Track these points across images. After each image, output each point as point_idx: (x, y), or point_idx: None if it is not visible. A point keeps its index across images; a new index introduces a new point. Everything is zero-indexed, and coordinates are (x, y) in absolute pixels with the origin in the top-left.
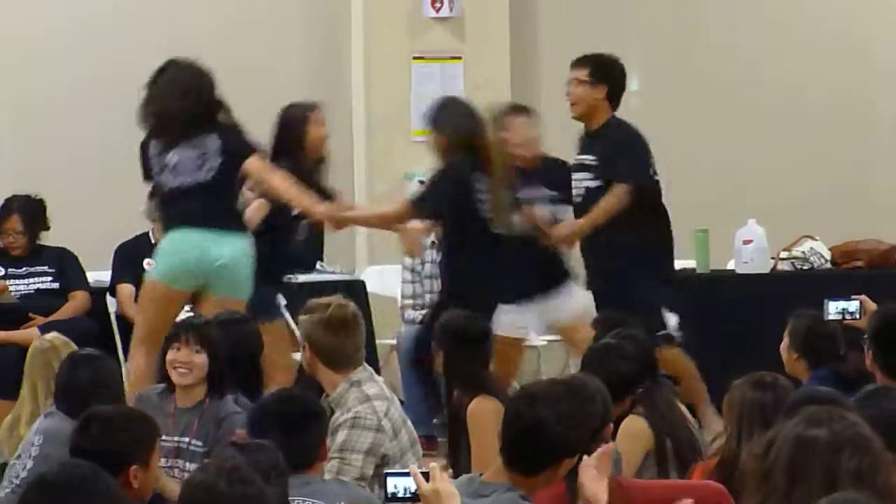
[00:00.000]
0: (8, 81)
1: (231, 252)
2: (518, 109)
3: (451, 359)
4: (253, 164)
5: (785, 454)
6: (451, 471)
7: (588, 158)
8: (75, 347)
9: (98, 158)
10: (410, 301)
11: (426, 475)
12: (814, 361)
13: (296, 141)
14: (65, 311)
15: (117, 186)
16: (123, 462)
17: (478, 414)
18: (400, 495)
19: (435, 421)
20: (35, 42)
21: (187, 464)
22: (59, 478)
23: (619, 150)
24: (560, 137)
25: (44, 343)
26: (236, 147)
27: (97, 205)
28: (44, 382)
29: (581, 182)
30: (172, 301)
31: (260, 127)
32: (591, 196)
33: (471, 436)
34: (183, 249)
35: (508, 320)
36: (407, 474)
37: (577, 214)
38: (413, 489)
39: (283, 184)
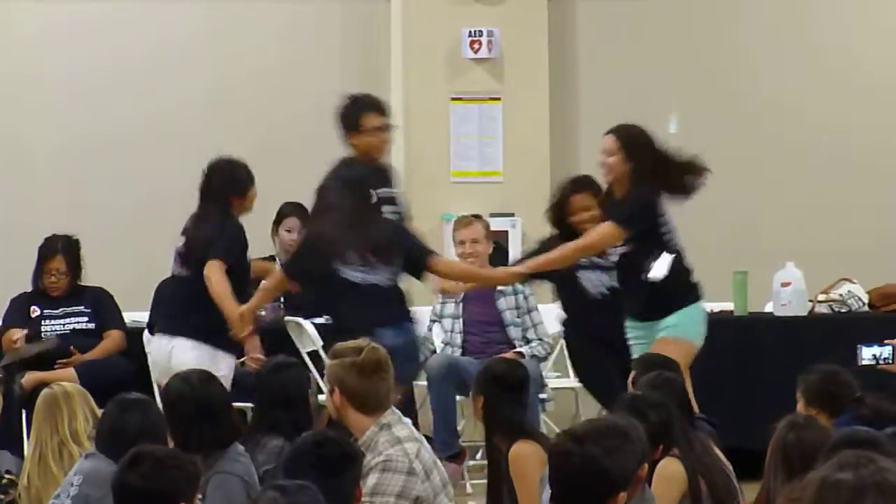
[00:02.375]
0: (50, 120)
1: None
2: None
3: (491, 404)
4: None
5: (809, 497)
6: None
7: None
8: (87, 394)
9: (135, 197)
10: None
11: None
12: (834, 411)
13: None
14: (100, 350)
15: (155, 225)
16: (172, 499)
17: (519, 458)
18: None
19: None
20: (77, 82)
21: None
22: None
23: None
24: (597, 178)
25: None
26: None
27: (135, 244)
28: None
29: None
30: None
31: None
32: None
33: (514, 480)
34: None
35: None
36: None
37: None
38: None
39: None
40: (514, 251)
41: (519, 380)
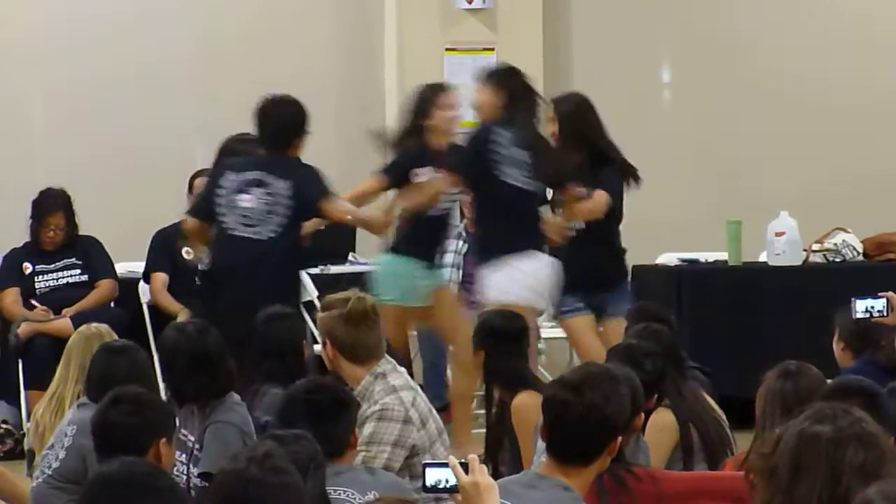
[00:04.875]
0: (37, 75)
1: None
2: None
3: (491, 357)
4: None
5: (789, 451)
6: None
7: None
8: (116, 336)
9: (125, 150)
10: None
11: (465, 466)
12: (858, 350)
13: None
14: (90, 300)
15: (147, 176)
16: (153, 435)
17: (523, 409)
18: (439, 486)
19: None
20: (61, 37)
21: (183, 455)
22: (121, 475)
23: None
24: None
25: (90, 329)
26: None
27: (127, 195)
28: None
29: None
30: None
31: None
32: None
33: (517, 432)
34: None
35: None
36: (446, 465)
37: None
38: (452, 481)
39: None
40: None
41: (518, 330)
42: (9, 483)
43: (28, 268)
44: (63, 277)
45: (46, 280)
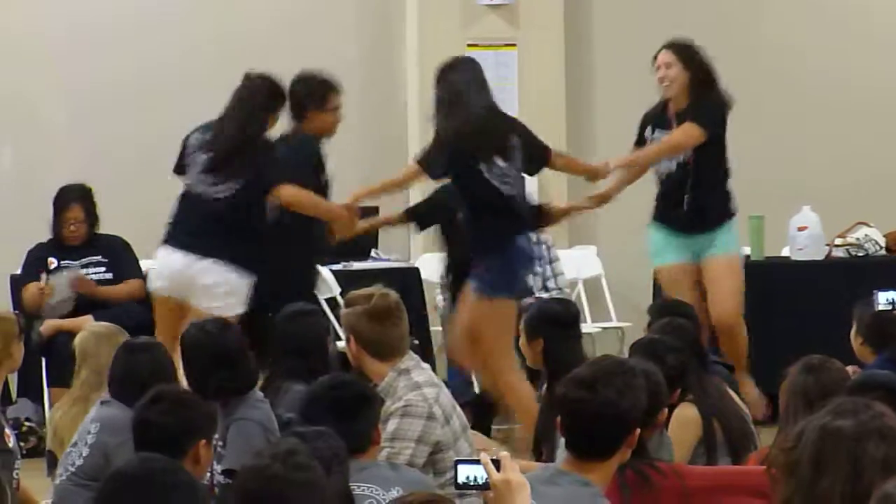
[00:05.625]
0: (56, 74)
1: None
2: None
3: (551, 346)
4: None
5: (810, 446)
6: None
7: None
8: (126, 336)
9: (144, 149)
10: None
11: (497, 463)
12: (878, 346)
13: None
14: (121, 291)
15: (166, 174)
16: (193, 435)
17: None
18: (471, 483)
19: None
20: (81, 37)
21: None
22: (139, 471)
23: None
24: (613, 123)
25: (99, 327)
26: None
27: (147, 193)
28: (90, 369)
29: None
30: None
31: None
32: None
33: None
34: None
35: None
36: (477, 462)
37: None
38: (484, 478)
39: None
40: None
41: (574, 316)
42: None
43: (53, 262)
44: (88, 275)
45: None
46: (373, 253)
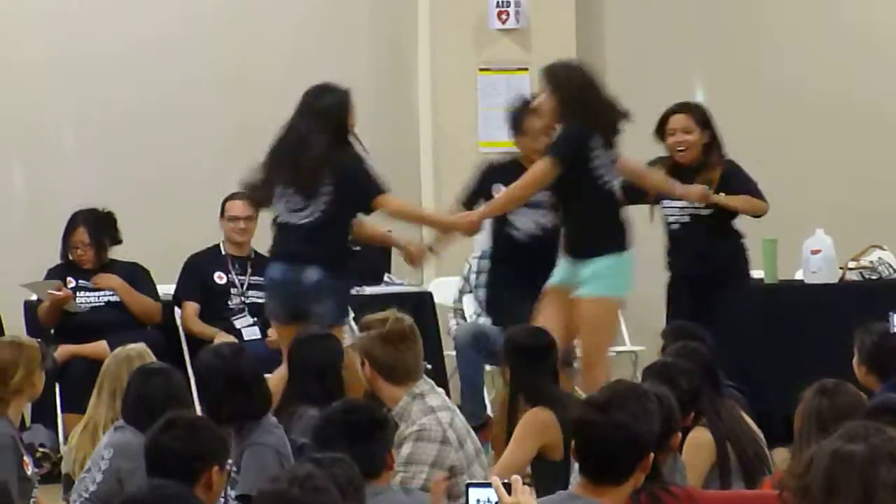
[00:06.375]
0: (76, 95)
1: None
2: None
3: (517, 373)
4: None
5: (822, 470)
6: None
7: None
8: (154, 358)
9: (157, 173)
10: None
11: (508, 487)
12: (883, 374)
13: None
14: (137, 298)
15: (179, 198)
16: (206, 461)
17: (522, 423)
18: None
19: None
20: (103, 57)
21: None
22: (150, 498)
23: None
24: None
25: (124, 352)
26: None
27: (160, 217)
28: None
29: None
30: None
31: None
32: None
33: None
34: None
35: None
36: (489, 485)
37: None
38: (495, 501)
39: None
40: None
41: (541, 347)
42: None
43: (71, 282)
44: (104, 296)
45: (87, 297)
46: (386, 277)
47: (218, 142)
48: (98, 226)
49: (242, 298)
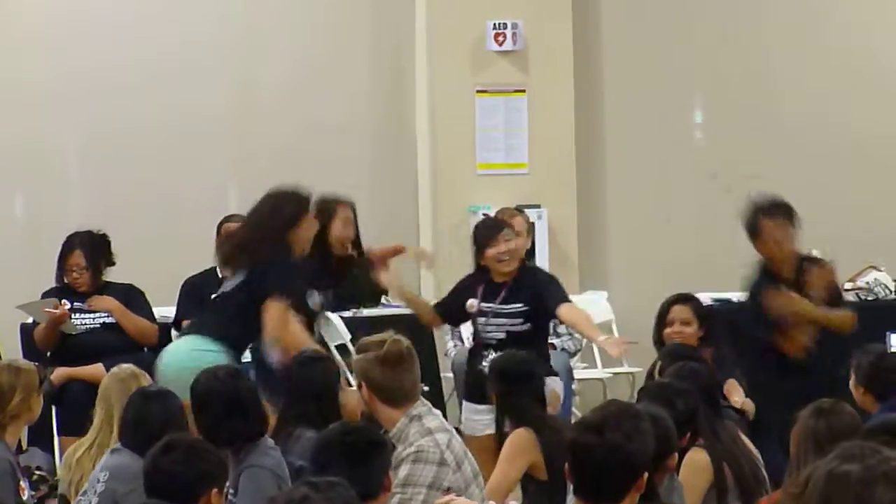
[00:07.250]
0: (76, 120)
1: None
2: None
3: (502, 398)
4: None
5: (818, 490)
6: None
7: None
8: (150, 380)
9: (159, 197)
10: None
11: None
12: (880, 394)
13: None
14: (134, 325)
15: (180, 222)
16: (205, 484)
17: (508, 441)
18: None
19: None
20: (104, 81)
21: None
22: None
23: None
24: (623, 168)
25: (123, 372)
26: None
27: (161, 241)
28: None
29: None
30: None
31: (326, 155)
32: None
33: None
34: None
35: None
36: None
37: None
38: None
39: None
40: (541, 242)
41: (523, 372)
42: None
43: (66, 304)
44: (99, 317)
45: (83, 318)
46: (383, 299)
47: (218, 167)
48: (94, 248)
49: None
